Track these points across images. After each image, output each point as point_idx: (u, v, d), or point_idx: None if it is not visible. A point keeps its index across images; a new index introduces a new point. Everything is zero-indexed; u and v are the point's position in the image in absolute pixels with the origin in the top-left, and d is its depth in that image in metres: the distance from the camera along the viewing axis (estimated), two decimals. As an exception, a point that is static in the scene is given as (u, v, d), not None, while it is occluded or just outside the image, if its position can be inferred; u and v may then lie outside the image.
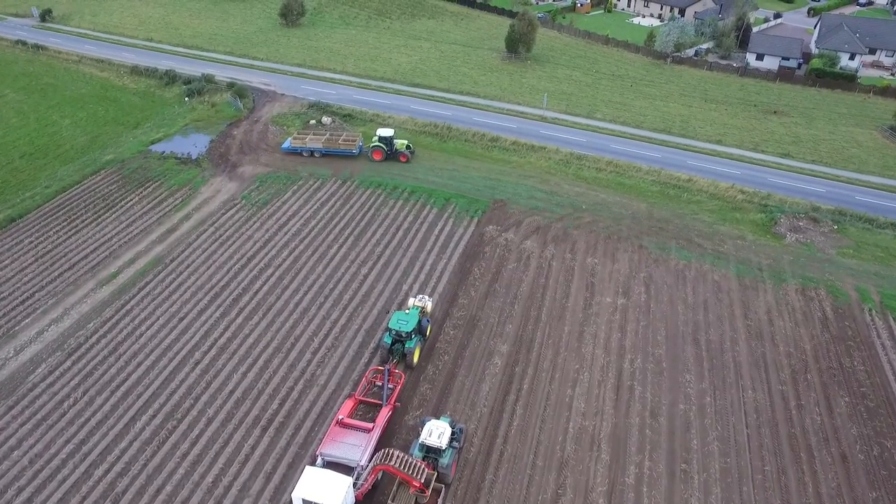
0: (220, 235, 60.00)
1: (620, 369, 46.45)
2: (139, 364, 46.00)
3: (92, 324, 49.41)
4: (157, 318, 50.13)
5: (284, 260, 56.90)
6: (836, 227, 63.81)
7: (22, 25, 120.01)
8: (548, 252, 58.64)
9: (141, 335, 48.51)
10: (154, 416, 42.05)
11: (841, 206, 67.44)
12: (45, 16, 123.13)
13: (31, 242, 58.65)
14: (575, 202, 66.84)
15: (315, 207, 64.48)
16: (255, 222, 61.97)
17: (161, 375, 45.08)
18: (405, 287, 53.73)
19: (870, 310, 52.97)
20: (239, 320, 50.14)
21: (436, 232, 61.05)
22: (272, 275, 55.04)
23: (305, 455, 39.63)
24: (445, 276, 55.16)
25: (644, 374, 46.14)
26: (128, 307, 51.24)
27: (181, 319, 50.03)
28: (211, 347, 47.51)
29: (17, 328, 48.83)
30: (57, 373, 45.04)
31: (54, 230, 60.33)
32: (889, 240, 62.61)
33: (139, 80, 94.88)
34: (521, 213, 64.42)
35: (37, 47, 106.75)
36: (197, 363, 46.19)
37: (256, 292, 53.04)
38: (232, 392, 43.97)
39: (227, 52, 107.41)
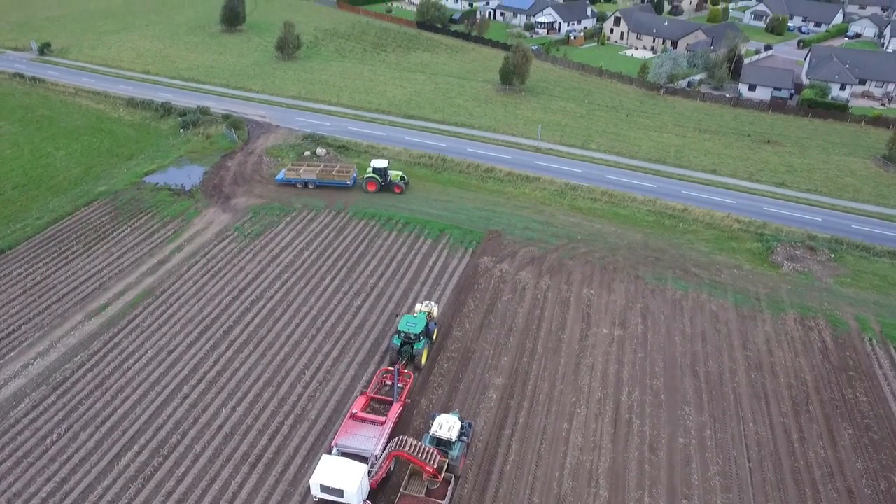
0: (212, 267, 59.30)
1: (618, 402, 45.47)
2: (126, 398, 44.91)
3: (79, 357, 48.39)
4: (146, 352, 49.15)
5: (276, 292, 56.15)
6: (832, 255, 63.41)
7: (20, 59, 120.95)
8: (543, 283, 58.01)
9: (128, 369, 47.47)
10: (139, 453, 40.83)
11: (837, 234, 67.15)
12: (44, 49, 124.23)
13: (21, 274, 57.89)
14: (570, 232, 66.46)
15: (308, 239, 63.97)
16: (247, 254, 61.35)
17: (148, 410, 43.97)
18: (397, 319, 52.92)
19: (870, 339, 52.25)
20: (229, 353, 49.18)
21: (430, 263, 60.46)
22: (264, 307, 54.22)
23: (295, 493, 38.43)
24: (440, 308, 54.37)
25: (642, 406, 45.15)
26: (116, 340, 50.28)
27: (170, 353, 49.05)
28: (200, 381, 46.47)
29: (1, 362, 47.74)
30: (41, 408, 43.90)
31: (44, 262, 59.62)
32: (887, 268, 62.18)
33: (135, 112, 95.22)
34: (516, 243, 63.95)
35: (34, 80, 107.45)
36: (185, 397, 45.11)
37: (247, 325, 52.16)
38: (220, 427, 42.83)
39: (223, 85, 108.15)
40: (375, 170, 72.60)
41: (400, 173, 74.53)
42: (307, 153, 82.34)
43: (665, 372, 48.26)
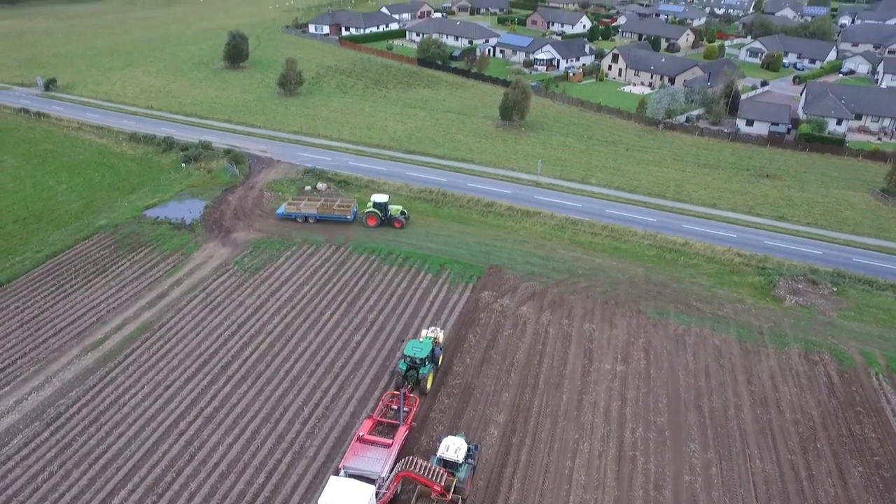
0: (211, 301, 58.94)
1: (621, 439, 44.65)
2: (121, 435, 44.11)
3: (74, 392, 47.72)
4: (143, 387, 48.48)
5: (276, 327, 55.66)
6: (835, 289, 63.07)
7: (26, 95, 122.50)
8: (544, 318, 57.56)
9: (124, 404, 46.75)
10: (133, 491, 39.87)
11: (839, 268, 66.85)
12: (49, 85, 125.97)
13: (18, 308, 57.51)
14: (571, 267, 66.24)
15: (308, 273, 63.72)
16: (246, 288, 61.03)
17: (143, 447, 43.14)
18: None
19: (876, 374, 51.58)
20: (227, 389, 48.48)
21: (430, 298, 60.10)
22: (262, 342, 53.68)
23: (291, 533, 37.46)
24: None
25: (646, 443, 44.33)
26: (112, 375, 49.65)
27: (167, 388, 48.37)
28: (196, 417, 45.71)
29: (-5, 398, 47.10)
30: (33, 444, 43.07)
31: (42, 295, 59.29)
32: (890, 302, 61.74)
33: (137, 146, 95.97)
34: (517, 278, 63.67)
35: (39, 115, 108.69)
36: (181, 434, 44.31)
37: (246, 360, 51.55)
38: (217, 465, 41.97)
39: (225, 120, 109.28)
40: (376, 204, 72.73)
41: (400, 208, 74.65)
42: (308, 188, 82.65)
43: (669, 408, 47.51)
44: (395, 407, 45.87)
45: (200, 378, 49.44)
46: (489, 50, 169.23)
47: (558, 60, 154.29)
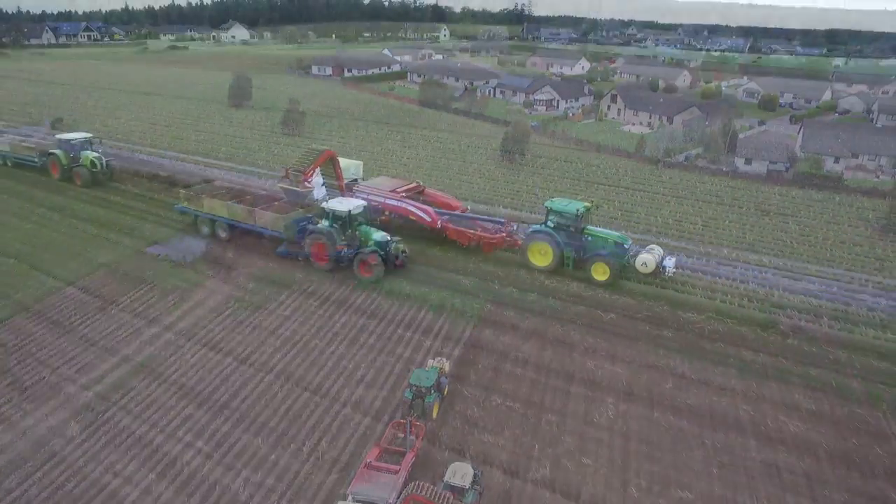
0: (211, 339, 58.57)
1: (625, 480, 43.79)
2: (116, 475, 43.09)
3: (69, 431, 46.92)
4: (140, 426, 47.80)
5: (275, 365, 55.17)
6: (838, 325, 62.67)
7: (32, 133, 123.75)
8: (546, 356, 57.07)
9: (120, 444, 45.98)
10: (127, 535, 39.07)
11: (842, 304, 66.59)
12: (56, 124, 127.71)
13: (15, 345, 57.12)
14: (574, 303, 65.94)
15: (308, 311, 63.46)
16: (246, 326, 60.73)
17: (139, 487, 42.13)
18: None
19: (884, 412, 50.84)
20: (225, 428, 47.75)
21: (431, 336, 59.67)
22: (262, 380, 53.15)
23: (288, 578, 36.47)
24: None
25: (650, 484, 43.45)
26: (109, 413, 48.97)
27: (163, 428, 47.69)
28: (194, 456, 44.92)
29: (-11, 438, 46.41)
30: (25, 485, 41.98)
31: (40, 332, 58.96)
32: (893, 339, 61.26)
33: (140, 182, 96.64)
34: (519, 315, 63.37)
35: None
36: (178, 474, 43.51)
37: (245, 398, 50.94)
38: (212, 507, 41.15)
39: (228, 158, 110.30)
40: (376, 242, 72.77)
41: (401, 246, 74.65)
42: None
43: (673, 447, 46.73)
44: (402, 435, 46.00)
45: (199, 416, 48.80)
46: (489, 91, 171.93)
47: (558, 101, 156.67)
